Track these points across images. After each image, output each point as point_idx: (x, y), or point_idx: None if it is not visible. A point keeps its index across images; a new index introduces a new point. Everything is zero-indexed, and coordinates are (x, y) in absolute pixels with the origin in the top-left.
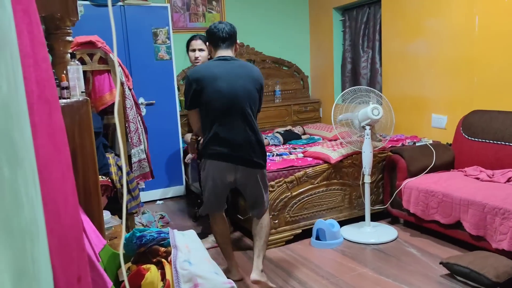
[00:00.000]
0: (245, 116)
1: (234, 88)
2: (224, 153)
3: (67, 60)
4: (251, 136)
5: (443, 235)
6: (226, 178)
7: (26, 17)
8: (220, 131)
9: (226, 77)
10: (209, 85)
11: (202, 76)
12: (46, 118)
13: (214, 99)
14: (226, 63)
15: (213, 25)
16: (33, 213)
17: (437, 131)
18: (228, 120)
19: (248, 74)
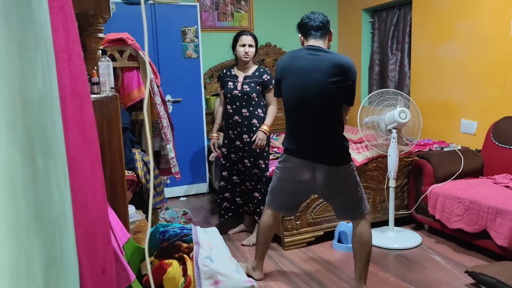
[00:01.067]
0: (314, 116)
1: (306, 83)
2: (296, 150)
3: (98, 57)
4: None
5: (469, 243)
6: (299, 176)
7: (61, 13)
8: (293, 127)
9: (304, 70)
10: (287, 77)
11: (283, 66)
12: (77, 113)
13: (288, 93)
14: (312, 54)
15: (305, 15)
16: (62, 204)
17: (466, 137)
18: (298, 117)
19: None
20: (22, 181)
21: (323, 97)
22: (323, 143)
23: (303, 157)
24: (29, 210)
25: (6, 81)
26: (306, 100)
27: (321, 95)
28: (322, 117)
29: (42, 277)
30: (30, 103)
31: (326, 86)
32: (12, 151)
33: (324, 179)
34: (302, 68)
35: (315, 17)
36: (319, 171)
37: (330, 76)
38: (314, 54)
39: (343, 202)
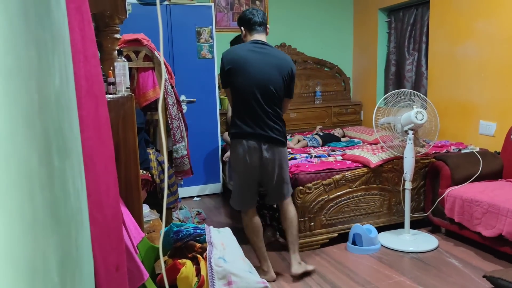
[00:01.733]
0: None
1: (263, 75)
2: (247, 133)
3: (114, 57)
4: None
5: (487, 247)
6: (252, 156)
7: (78, 14)
8: (244, 114)
9: (257, 62)
10: (240, 67)
11: (234, 58)
12: (93, 112)
13: (241, 83)
14: (260, 48)
15: (247, 11)
16: (78, 203)
17: (485, 139)
18: (250, 105)
19: (278, 63)
20: (39, 179)
21: (274, 88)
22: (272, 127)
23: (254, 139)
24: (46, 209)
25: (25, 80)
26: (259, 90)
27: (271, 86)
28: (272, 105)
29: (58, 275)
30: (48, 103)
31: (275, 78)
32: (30, 150)
33: (269, 158)
34: (254, 61)
35: (257, 13)
36: (266, 151)
37: (279, 71)
38: (262, 48)
39: (279, 183)
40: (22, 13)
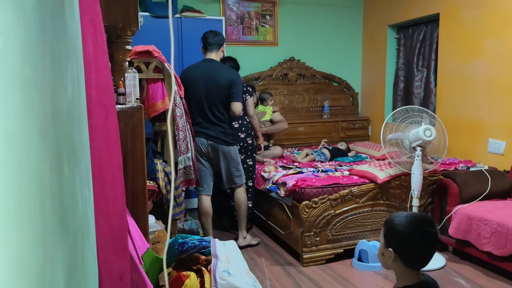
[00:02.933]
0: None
1: (206, 87)
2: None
3: (125, 68)
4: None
5: (495, 267)
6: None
7: (91, 26)
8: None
9: (203, 77)
10: (191, 83)
11: (186, 76)
12: (102, 122)
13: (194, 94)
14: (208, 65)
15: (207, 33)
16: (85, 212)
17: (493, 157)
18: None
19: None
20: (50, 188)
21: (219, 97)
22: (215, 129)
23: (204, 137)
24: (55, 217)
25: (40, 90)
26: (208, 99)
27: (217, 96)
28: (218, 111)
29: (64, 284)
30: (60, 112)
31: (216, 89)
32: (43, 159)
33: (214, 154)
34: (201, 75)
35: (213, 35)
36: (211, 148)
37: (217, 83)
38: (211, 65)
39: (230, 173)
40: (40, 25)
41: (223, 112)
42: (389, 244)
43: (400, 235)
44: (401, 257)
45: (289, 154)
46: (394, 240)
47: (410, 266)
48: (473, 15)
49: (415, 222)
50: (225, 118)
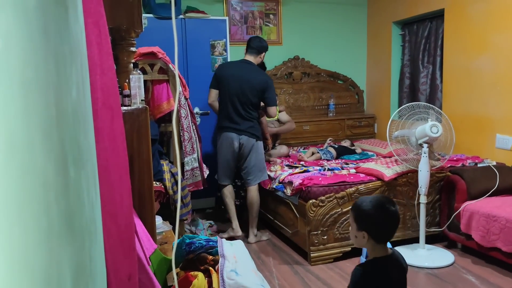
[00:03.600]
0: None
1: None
2: (229, 127)
3: (130, 70)
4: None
5: (505, 263)
6: (232, 145)
7: (96, 29)
8: (228, 112)
9: (238, 76)
10: (227, 77)
11: (222, 71)
12: (108, 124)
13: (226, 88)
14: (244, 65)
15: (253, 36)
16: (92, 213)
17: (501, 153)
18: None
19: (254, 80)
20: (55, 190)
21: (252, 97)
22: (247, 123)
23: (235, 132)
24: (61, 219)
25: (44, 92)
26: (241, 97)
27: (251, 95)
28: (250, 109)
29: (72, 285)
30: (65, 114)
31: (254, 91)
32: (47, 161)
33: (245, 147)
34: (238, 74)
35: (257, 41)
36: (243, 141)
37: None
38: (247, 66)
39: (256, 166)
40: (42, 27)
41: (254, 110)
42: (361, 227)
43: (369, 217)
44: (372, 236)
45: (295, 153)
46: (364, 222)
47: (380, 242)
48: (478, 10)
49: (379, 204)
50: (254, 116)
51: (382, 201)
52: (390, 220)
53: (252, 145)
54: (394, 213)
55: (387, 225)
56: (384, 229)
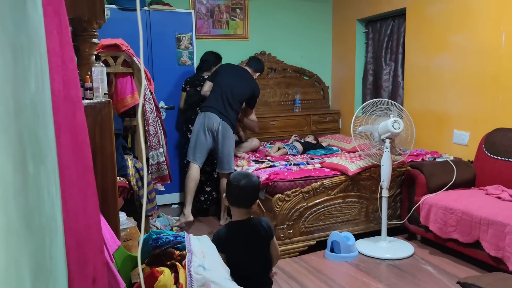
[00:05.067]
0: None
1: (235, 84)
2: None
3: (92, 62)
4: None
5: (461, 254)
6: (210, 124)
7: (56, 18)
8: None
9: (236, 76)
10: (224, 73)
11: (224, 67)
12: (69, 118)
13: (222, 82)
14: (243, 70)
15: (254, 57)
16: (53, 211)
17: (458, 148)
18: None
19: (247, 85)
20: (14, 187)
21: (241, 96)
22: (232, 113)
23: (218, 114)
24: (20, 217)
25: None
26: (233, 92)
27: (240, 94)
28: (236, 104)
29: (31, 285)
30: (23, 108)
31: (244, 93)
32: (4, 156)
33: (222, 133)
34: (237, 75)
35: (256, 62)
36: (222, 126)
37: (248, 92)
38: (245, 72)
39: (223, 156)
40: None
41: (239, 106)
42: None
43: (228, 185)
44: (228, 199)
45: (261, 148)
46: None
47: (232, 205)
48: (439, 9)
49: (235, 176)
50: (237, 110)
51: (241, 174)
52: (238, 189)
53: (228, 134)
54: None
55: (235, 192)
56: (233, 195)
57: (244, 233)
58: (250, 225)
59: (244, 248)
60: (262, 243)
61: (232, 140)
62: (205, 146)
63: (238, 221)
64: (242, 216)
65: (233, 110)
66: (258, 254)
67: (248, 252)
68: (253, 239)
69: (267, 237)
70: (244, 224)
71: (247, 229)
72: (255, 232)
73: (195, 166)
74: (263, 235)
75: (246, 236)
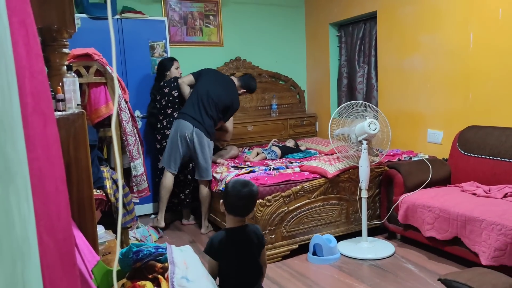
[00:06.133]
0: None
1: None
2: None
3: (63, 72)
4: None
5: (440, 251)
6: (184, 133)
7: (22, 28)
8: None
9: (220, 84)
10: (206, 78)
11: (205, 72)
12: (40, 131)
13: (202, 86)
14: (228, 80)
15: (246, 75)
16: (25, 231)
17: (433, 146)
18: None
19: (229, 96)
20: None
21: (220, 104)
22: (208, 121)
23: (191, 122)
24: None
25: None
26: (211, 95)
27: (220, 103)
28: (214, 112)
29: None
30: None
31: (224, 102)
32: None
33: (196, 141)
34: (220, 84)
35: (247, 78)
36: (196, 134)
37: (228, 102)
38: (229, 83)
39: (200, 164)
40: None
41: (215, 113)
42: (223, 200)
43: (226, 193)
44: (226, 208)
45: (240, 154)
46: (224, 197)
47: (230, 213)
48: (408, 12)
49: (232, 185)
50: (213, 117)
51: (239, 183)
52: (236, 197)
53: (203, 141)
54: (242, 193)
55: (234, 201)
56: (231, 204)
57: (238, 240)
58: (245, 233)
59: (236, 257)
60: (254, 251)
61: (207, 147)
62: (178, 154)
63: (232, 228)
64: (236, 223)
65: (209, 116)
66: (250, 262)
67: (240, 260)
68: (246, 247)
69: (259, 245)
70: (238, 231)
71: (241, 237)
72: (249, 240)
73: (168, 174)
74: (255, 243)
75: (239, 244)
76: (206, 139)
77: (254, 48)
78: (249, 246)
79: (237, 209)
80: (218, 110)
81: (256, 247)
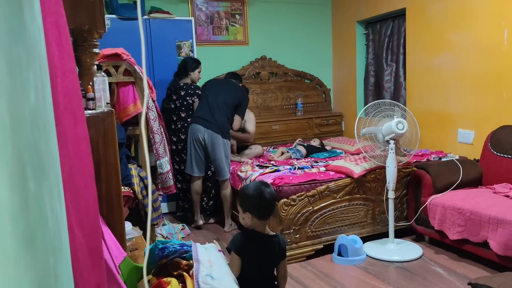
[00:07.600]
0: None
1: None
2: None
3: (93, 72)
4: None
5: (470, 254)
6: (198, 135)
7: (55, 29)
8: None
9: (223, 87)
10: (211, 88)
11: (209, 83)
12: (71, 129)
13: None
14: (229, 81)
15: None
16: (57, 226)
17: (463, 147)
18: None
19: (234, 93)
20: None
21: (230, 104)
22: (221, 120)
23: (202, 124)
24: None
25: None
26: (222, 102)
27: (229, 103)
28: (226, 111)
29: None
30: (22, 122)
31: (232, 101)
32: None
33: (210, 142)
34: (223, 86)
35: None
36: (209, 135)
37: (235, 100)
38: (231, 83)
39: (216, 164)
40: None
41: (228, 111)
42: (246, 209)
43: (250, 199)
44: (256, 215)
45: (265, 153)
46: (247, 205)
47: (261, 219)
48: (438, 8)
49: (255, 187)
50: (227, 115)
51: (258, 183)
52: (266, 200)
53: (217, 141)
54: (268, 193)
55: (264, 204)
56: (263, 208)
57: (263, 248)
58: (271, 242)
59: (257, 259)
60: (274, 261)
61: (222, 146)
62: (198, 157)
63: (262, 235)
64: (264, 228)
65: (222, 114)
66: (266, 270)
67: (259, 265)
68: (269, 256)
69: (280, 256)
70: (266, 238)
71: (267, 245)
72: (272, 250)
73: (195, 178)
74: (277, 254)
75: (264, 251)
76: (220, 138)
77: (279, 47)
78: (271, 256)
79: (266, 210)
80: (229, 107)
81: (276, 258)
